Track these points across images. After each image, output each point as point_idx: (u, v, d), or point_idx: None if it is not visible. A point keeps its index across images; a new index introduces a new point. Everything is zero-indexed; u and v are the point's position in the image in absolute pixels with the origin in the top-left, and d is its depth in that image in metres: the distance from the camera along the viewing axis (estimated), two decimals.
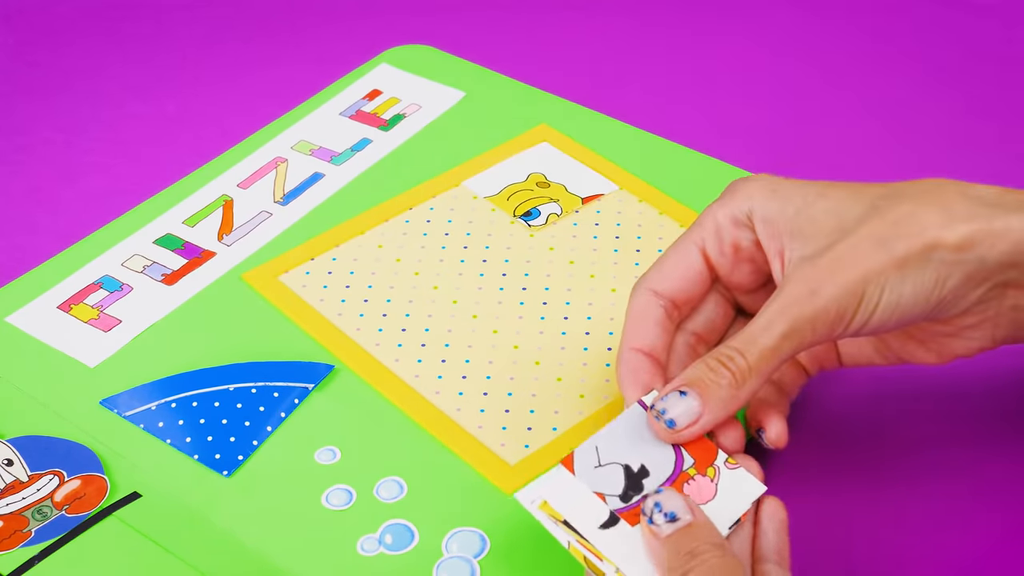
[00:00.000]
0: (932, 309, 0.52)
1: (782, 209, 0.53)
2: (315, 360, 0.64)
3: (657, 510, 0.49)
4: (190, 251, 0.71)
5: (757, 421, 0.55)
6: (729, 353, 0.51)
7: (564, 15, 0.92)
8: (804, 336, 0.51)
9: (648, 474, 0.52)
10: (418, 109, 0.81)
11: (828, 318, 0.51)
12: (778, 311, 0.51)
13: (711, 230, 0.55)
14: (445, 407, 0.62)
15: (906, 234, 0.50)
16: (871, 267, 0.50)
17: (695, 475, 0.52)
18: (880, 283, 0.50)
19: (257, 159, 0.77)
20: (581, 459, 0.52)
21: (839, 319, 0.51)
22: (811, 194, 0.53)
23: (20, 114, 0.85)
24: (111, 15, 0.94)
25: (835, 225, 0.52)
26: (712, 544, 0.48)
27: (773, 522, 0.51)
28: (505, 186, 0.75)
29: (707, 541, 0.48)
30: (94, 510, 0.58)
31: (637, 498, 0.51)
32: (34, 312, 0.68)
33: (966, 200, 0.51)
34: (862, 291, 0.50)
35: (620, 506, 0.51)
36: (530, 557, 0.55)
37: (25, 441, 0.61)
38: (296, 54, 0.89)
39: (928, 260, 0.50)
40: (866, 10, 0.91)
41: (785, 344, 0.51)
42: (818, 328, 0.51)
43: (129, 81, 0.87)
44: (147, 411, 0.62)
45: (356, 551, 0.56)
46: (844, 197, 0.53)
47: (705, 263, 0.56)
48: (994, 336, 0.54)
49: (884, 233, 0.51)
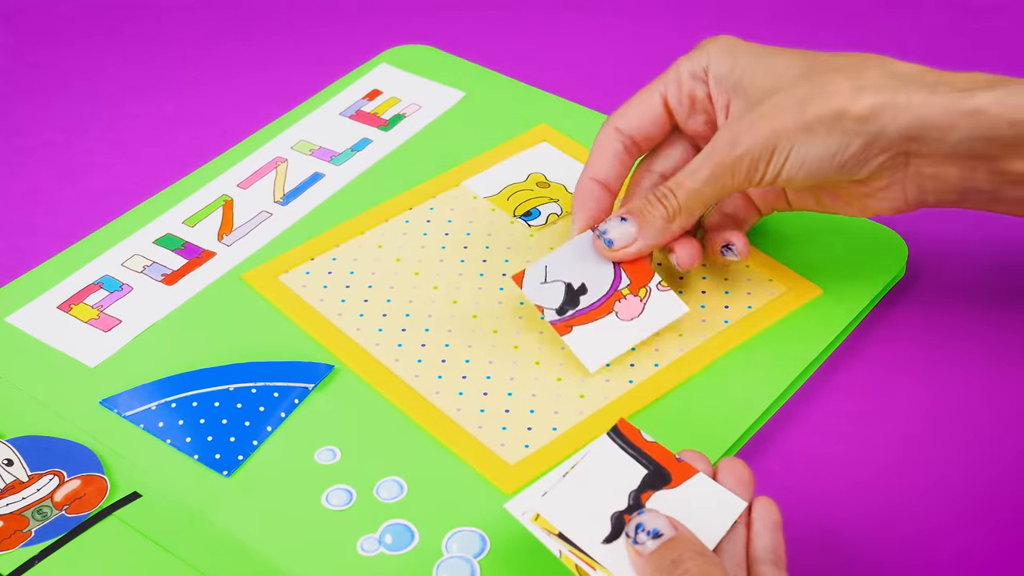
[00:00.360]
0: (837, 170, 0.58)
1: (732, 67, 0.61)
2: (315, 360, 0.64)
3: (640, 530, 0.49)
4: (190, 251, 0.71)
5: (724, 239, 0.64)
6: (664, 191, 0.61)
7: (564, 15, 0.92)
8: (725, 182, 0.59)
9: (586, 291, 0.62)
10: (418, 109, 0.81)
11: (743, 166, 0.58)
12: (704, 157, 0.59)
13: (673, 80, 0.63)
14: (445, 407, 0.62)
15: (818, 100, 0.57)
16: (784, 125, 0.57)
17: (627, 294, 0.62)
18: (790, 140, 0.57)
19: (257, 159, 0.77)
20: (530, 277, 0.62)
21: (753, 168, 0.58)
22: (761, 55, 0.60)
23: (20, 115, 0.85)
24: (111, 15, 0.94)
25: (771, 85, 0.59)
26: (694, 552, 0.48)
27: (766, 522, 0.51)
28: (505, 186, 0.75)
29: (689, 550, 0.48)
30: (94, 510, 0.58)
31: (571, 312, 0.62)
32: (34, 312, 0.68)
33: (882, 74, 0.57)
34: (773, 146, 0.58)
35: (555, 318, 0.62)
36: (530, 557, 0.55)
37: (25, 441, 0.61)
38: (296, 54, 0.89)
39: (833, 126, 0.57)
40: (867, 12, 0.91)
41: (708, 188, 0.60)
42: (736, 175, 0.59)
43: (129, 81, 0.87)
44: (147, 411, 0.62)
45: (356, 551, 0.56)
46: (787, 62, 0.59)
47: (664, 108, 0.63)
48: (906, 199, 0.60)
49: (801, 97, 0.57)
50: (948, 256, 0.70)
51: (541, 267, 0.63)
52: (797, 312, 0.66)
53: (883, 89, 0.57)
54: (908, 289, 0.68)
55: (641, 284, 0.63)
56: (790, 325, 0.65)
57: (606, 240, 0.61)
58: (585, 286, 0.63)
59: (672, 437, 0.59)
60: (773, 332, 0.65)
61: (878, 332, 0.66)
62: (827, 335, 0.64)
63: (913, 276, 0.69)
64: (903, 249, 0.68)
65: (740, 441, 0.60)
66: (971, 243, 0.70)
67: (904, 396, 0.63)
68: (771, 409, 0.62)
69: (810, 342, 0.64)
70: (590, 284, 0.63)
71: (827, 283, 0.67)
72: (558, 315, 0.62)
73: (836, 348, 0.65)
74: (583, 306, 0.62)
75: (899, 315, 0.67)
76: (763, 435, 0.61)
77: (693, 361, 0.63)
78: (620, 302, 0.63)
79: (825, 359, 0.65)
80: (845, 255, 0.68)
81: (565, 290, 0.63)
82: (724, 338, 0.64)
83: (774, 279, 0.67)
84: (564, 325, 0.62)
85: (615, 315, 0.63)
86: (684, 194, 0.60)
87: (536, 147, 0.77)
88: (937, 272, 0.68)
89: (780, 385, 0.62)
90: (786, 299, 0.66)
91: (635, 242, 0.61)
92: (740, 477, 0.52)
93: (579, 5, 0.93)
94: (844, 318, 0.65)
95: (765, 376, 0.63)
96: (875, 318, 0.67)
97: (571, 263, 0.63)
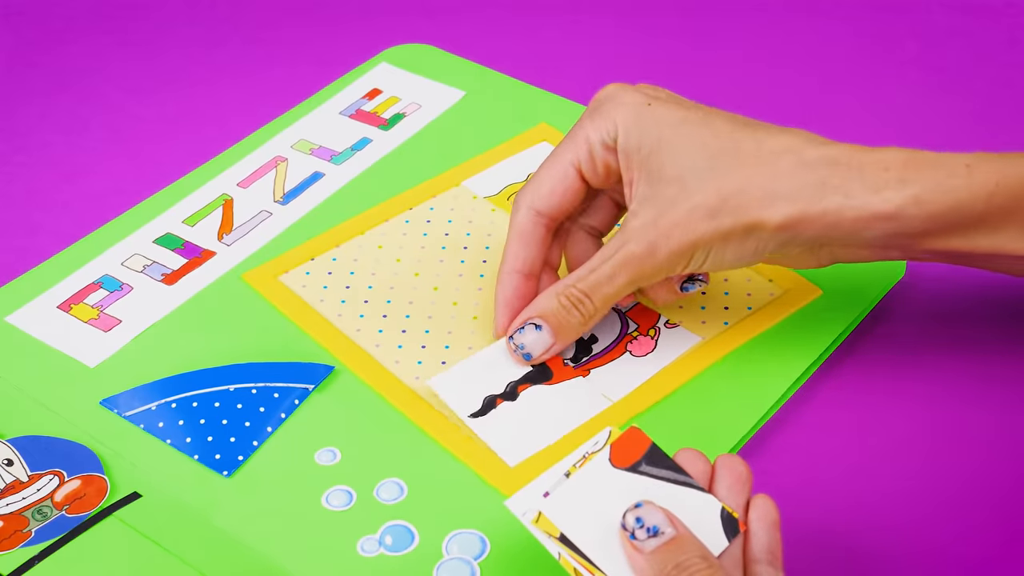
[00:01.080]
0: (755, 261, 0.60)
1: (640, 143, 0.59)
2: (315, 361, 0.64)
3: (638, 525, 0.49)
4: (190, 251, 0.71)
5: (680, 278, 0.63)
6: (579, 297, 0.60)
7: (564, 15, 0.92)
8: (642, 283, 0.60)
9: (596, 340, 0.64)
10: (418, 108, 0.81)
11: (662, 272, 0.60)
12: (621, 264, 0.59)
13: (584, 150, 0.61)
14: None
15: (733, 211, 0.57)
16: (700, 237, 0.58)
17: (637, 336, 0.63)
18: (707, 248, 0.58)
19: (257, 158, 0.77)
20: None
21: (671, 269, 0.60)
22: (669, 128, 0.59)
23: (20, 115, 0.85)
24: (111, 15, 0.93)
25: (677, 176, 0.58)
26: (699, 556, 0.48)
27: (764, 522, 0.51)
28: (505, 186, 0.75)
29: (694, 554, 0.48)
30: (94, 510, 0.58)
31: (586, 359, 0.63)
32: (34, 312, 0.68)
33: (797, 171, 0.57)
34: (691, 253, 0.59)
35: (572, 367, 0.62)
36: (530, 559, 0.55)
37: (25, 441, 0.61)
38: (296, 54, 0.89)
39: (748, 235, 0.58)
40: (867, 14, 0.91)
41: (626, 290, 0.60)
42: (654, 278, 0.60)
43: (128, 81, 0.87)
44: (147, 411, 0.62)
45: (356, 552, 0.56)
46: (695, 145, 0.59)
47: (580, 180, 0.62)
48: (820, 264, 0.60)
49: (716, 207, 0.58)
50: None
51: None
52: (796, 314, 0.66)
53: (796, 198, 0.57)
54: (908, 290, 0.68)
55: (649, 325, 0.65)
56: (790, 327, 0.65)
57: (524, 355, 0.61)
58: (595, 336, 0.64)
59: (673, 437, 0.59)
60: (773, 333, 0.65)
61: (878, 333, 0.66)
62: (826, 337, 0.64)
63: (913, 277, 0.69)
64: None
65: (740, 442, 0.60)
66: None
67: (903, 398, 0.63)
68: (771, 410, 0.62)
69: (809, 344, 0.64)
70: (600, 334, 0.64)
71: (826, 284, 0.67)
72: (574, 364, 0.63)
73: (835, 349, 0.65)
74: (596, 352, 0.63)
75: (899, 316, 0.67)
76: (762, 435, 0.61)
77: (694, 363, 0.63)
78: (632, 342, 0.64)
79: (824, 360, 0.65)
80: None
81: (576, 343, 0.64)
82: (724, 339, 0.64)
83: (773, 280, 0.67)
84: (583, 369, 0.63)
85: (629, 353, 0.63)
86: (600, 299, 0.60)
87: (536, 147, 0.77)
88: (937, 274, 0.68)
89: (780, 387, 0.62)
90: (786, 300, 0.66)
91: (552, 348, 0.62)
92: (739, 475, 0.52)
93: (579, 5, 0.93)
94: (844, 319, 0.65)
95: (765, 378, 0.63)
96: (875, 319, 0.67)
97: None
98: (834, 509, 0.58)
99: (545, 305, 0.61)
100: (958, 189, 0.56)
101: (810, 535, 0.57)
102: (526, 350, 0.61)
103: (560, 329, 0.61)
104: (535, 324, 0.61)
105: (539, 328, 0.61)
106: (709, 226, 0.58)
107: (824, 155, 0.57)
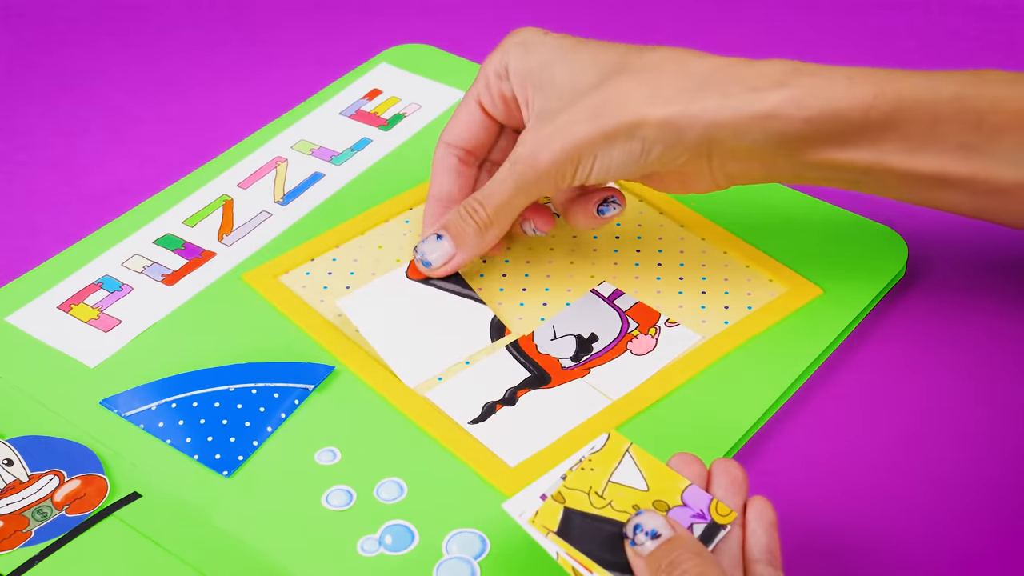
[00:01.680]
0: (643, 171, 0.60)
1: (530, 64, 0.62)
2: (315, 361, 0.64)
3: (639, 531, 0.49)
4: (190, 251, 0.71)
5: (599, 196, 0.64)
6: (474, 206, 0.63)
7: (564, 15, 0.92)
8: (531, 192, 0.61)
9: (597, 339, 0.64)
10: (418, 108, 0.81)
11: (549, 178, 0.60)
12: (509, 171, 0.61)
13: (483, 84, 0.64)
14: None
15: (616, 111, 0.58)
16: (583, 138, 0.59)
17: (638, 335, 0.63)
18: (592, 152, 0.59)
19: (257, 159, 0.77)
20: (540, 335, 0.64)
21: (560, 177, 0.60)
22: (558, 51, 0.61)
23: (20, 115, 0.85)
24: (111, 16, 0.94)
25: (569, 87, 0.60)
26: (692, 552, 0.48)
27: (761, 522, 0.51)
28: None
29: (687, 551, 0.48)
30: (94, 510, 0.58)
31: (586, 358, 0.63)
32: (34, 312, 0.68)
33: (680, 78, 0.58)
34: (577, 156, 0.59)
35: (572, 365, 0.63)
36: (529, 559, 0.55)
37: (25, 441, 0.61)
38: (296, 54, 0.89)
39: (632, 134, 0.58)
40: (867, 12, 0.91)
41: (516, 199, 0.62)
42: (541, 186, 0.61)
43: (129, 82, 0.87)
44: (147, 411, 0.62)
45: (356, 552, 0.56)
46: (585, 61, 0.60)
47: (483, 113, 0.65)
48: (717, 183, 0.61)
49: (599, 107, 0.58)
50: (948, 256, 0.70)
51: (549, 326, 0.65)
52: (797, 312, 0.66)
53: (677, 98, 0.58)
54: (908, 289, 0.68)
55: (650, 324, 0.65)
56: (790, 325, 0.65)
57: (424, 263, 0.64)
58: (596, 335, 0.64)
59: (673, 438, 0.59)
60: (773, 332, 0.65)
61: (878, 332, 0.66)
62: (827, 335, 0.64)
63: (913, 276, 0.69)
64: (903, 249, 0.68)
65: (740, 441, 0.60)
66: (971, 243, 0.70)
67: (904, 396, 0.63)
68: (771, 409, 0.62)
69: (810, 342, 0.64)
70: (600, 333, 0.64)
71: (827, 283, 0.67)
72: (574, 362, 0.63)
73: (836, 348, 0.65)
74: (597, 351, 0.63)
75: (899, 315, 0.67)
76: (762, 435, 0.61)
77: (693, 362, 0.63)
78: (632, 341, 0.64)
79: (825, 359, 0.65)
80: (845, 255, 0.68)
81: (576, 341, 0.64)
82: (724, 338, 0.64)
83: (774, 279, 0.67)
84: (582, 369, 0.63)
85: (630, 352, 0.63)
86: (492, 207, 0.62)
87: None
88: (937, 272, 0.68)
89: (780, 385, 0.62)
90: (786, 299, 0.66)
91: (453, 258, 0.64)
92: (734, 478, 0.52)
93: (579, 5, 0.93)
94: (844, 318, 0.65)
95: (765, 376, 0.63)
96: (875, 318, 0.67)
97: (578, 318, 0.65)
98: (834, 509, 0.58)
99: (447, 217, 0.64)
100: (838, 99, 0.57)
101: (809, 535, 0.57)
102: (426, 257, 0.64)
103: (458, 238, 0.63)
104: (436, 235, 0.64)
105: (440, 238, 0.64)
106: (591, 127, 0.59)
107: (709, 64, 0.59)
